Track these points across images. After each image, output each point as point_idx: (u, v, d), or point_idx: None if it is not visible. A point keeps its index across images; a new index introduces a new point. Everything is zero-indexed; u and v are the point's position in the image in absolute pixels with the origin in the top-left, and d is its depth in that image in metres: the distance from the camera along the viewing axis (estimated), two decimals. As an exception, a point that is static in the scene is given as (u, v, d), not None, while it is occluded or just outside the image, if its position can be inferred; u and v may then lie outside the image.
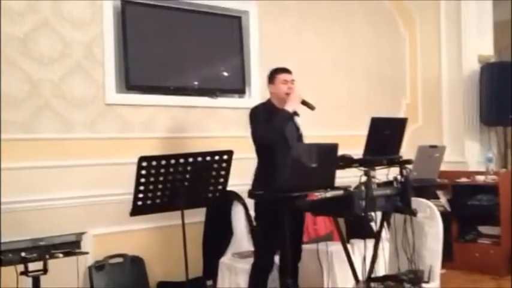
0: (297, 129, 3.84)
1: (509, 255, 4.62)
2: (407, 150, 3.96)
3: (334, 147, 3.30)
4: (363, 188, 3.24)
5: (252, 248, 4.20)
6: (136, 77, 4.32)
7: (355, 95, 5.86)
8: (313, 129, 5.31)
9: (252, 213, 4.07)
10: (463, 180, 5.61)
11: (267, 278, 3.74)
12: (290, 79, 3.80)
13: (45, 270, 2.90)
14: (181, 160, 3.06)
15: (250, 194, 3.55)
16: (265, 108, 3.74)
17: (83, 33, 4.09)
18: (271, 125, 3.56)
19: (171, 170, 3.04)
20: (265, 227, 3.68)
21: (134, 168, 3.00)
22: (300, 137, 3.86)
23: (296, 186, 3.16)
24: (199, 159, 3.12)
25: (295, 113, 3.81)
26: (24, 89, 3.83)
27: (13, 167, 3.70)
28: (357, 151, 3.44)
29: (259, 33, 5.10)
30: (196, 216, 4.20)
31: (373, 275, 3.44)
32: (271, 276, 3.96)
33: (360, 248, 3.94)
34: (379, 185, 3.41)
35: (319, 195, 3.34)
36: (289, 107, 3.65)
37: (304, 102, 3.75)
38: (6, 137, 3.72)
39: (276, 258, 3.90)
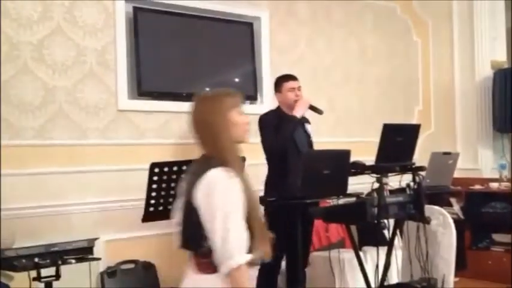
0: (308, 136, 3.84)
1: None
2: (420, 157, 3.94)
3: (346, 153, 3.29)
4: (375, 195, 3.23)
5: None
6: (148, 83, 4.34)
7: (368, 102, 5.84)
8: (325, 136, 5.33)
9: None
10: (477, 187, 5.56)
11: (275, 280, 3.73)
12: (297, 86, 3.80)
13: (57, 276, 2.92)
14: (193, 166, 3.06)
15: (262, 201, 3.55)
16: (275, 115, 3.75)
17: (95, 39, 4.12)
18: (281, 133, 3.56)
19: (183, 176, 3.04)
20: (275, 232, 3.67)
21: (146, 174, 3.01)
22: (310, 144, 3.85)
23: (309, 193, 3.16)
24: (211, 165, 3.11)
25: (306, 120, 3.80)
26: (39, 95, 3.86)
27: (26, 173, 3.73)
28: (369, 158, 3.43)
29: (271, 39, 5.11)
30: (208, 223, 4.19)
31: (385, 283, 3.42)
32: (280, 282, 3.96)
33: (373, 256, 3.92)
34: (392, 192, 3.40)
35: (331, 202, 3.34)
36: (297, 113, 3.66)
37: (312, 107, 3.75)
38: (21, 142, 3.75)
39: (283, 264, 3.89)
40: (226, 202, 1.88)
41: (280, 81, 3.85)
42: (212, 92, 2.21)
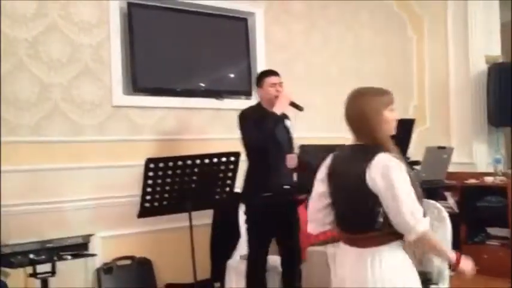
0: (288, 131, 3.84)
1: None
2: (415, 152, 3.96)
3: (341, 148, 3.29)
4: (370, 189, 3.23)
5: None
6: (143, 79, 4.34)
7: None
8: (321, 131, 5.34)
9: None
10: (472, 181, 5.58)
11: (264, 277, 3.75)
12: (278, 81, 3.79)
13: (53, 272, 2.92)
14: (189, 162, 3.07)
15: (242, 196, 3.56)
16: (256, 111, 3.74)
17: (90, 36, 4.12)
18: (262, 129, 3.56)
19: (178, 171, 3.04)
20: (255, 228, 3.70)
21: (142, 170, 3.01)
22: (290, 139, 3.86)
23: (304, 187, 3.16)
24: (207, 161, 3.13)
25: (285, 116, 3.80)
26: (34, 92, 3.86)
27: (22, 170, 3.72)
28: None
29: (266, 35, 5.11)
30: (204, 218, 4.20)
31: (381, 277, 3.42)
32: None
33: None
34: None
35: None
36: (278, 110, 3.65)
37: (292, 104, 3.74)
38: (16, 139, 3.75)
39: (278, 261, 3.91)
40: (403, 181, 2.12)
41: (262, 77, 3.84)
42: (369, 89, 2.44)
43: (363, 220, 2.20)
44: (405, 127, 3.67)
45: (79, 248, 3.05)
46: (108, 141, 4.18)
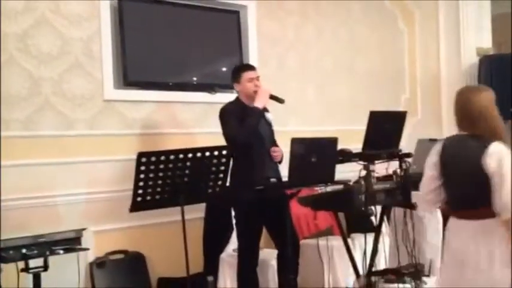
0: (269, 125, 3.84)
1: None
2: (407, 144, 3.96)
3: (333, 141, 3.30)
4: (362, 182, 3.25)
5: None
6: (134, 72, 4.31)
7: (355, 91, 5.86)
8: (314, 125, 5.35)
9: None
10: (463, 173, 5.60)
11: (255, 271, 3.76)
12: (255, 76, 3.77)
13: (45, 267, 2.90)
14: (181, 156, 3.05)
15: (229, 193, 3.57)
16: (236, 107, 3.73)
17: (80, 30, 4.08)
18: (245, 125, 3.56)
19: (171, 165, 3.03)
20: (245, 222, 3.71)
21: (134, 164, 3.00)
22: (272, 133, 3.86)
23: (296, 181, 3.17)
24: (199, 154, 3.11)
25: (265, 109, 3.80)
26: (25, 87, 3.83)
27: (13, 164, 3.70)
28: (358, 146, 3.45)
29: (258, 28, 5.10)
30: (197, 212, 4.21)
31: (373, 269, 3.45)
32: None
33: (361, 242, 3.95)
34: (379, 179, 3.41)
35: (319, 189, 3.35)
36: (259, 104, 3.64)
37: (272, 97, 3.74)
38: (7, 134, 3.72)
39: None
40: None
41: (239, 72, 3.81)
42: (483, 87, 2.88)
43: (476, 197, 2.61)
44: (397, 119, 3.67)
45: (71, 243, 3.03)
46: (100, 135, 4.16)
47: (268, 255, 4.01)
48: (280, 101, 3.76)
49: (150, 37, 4.42)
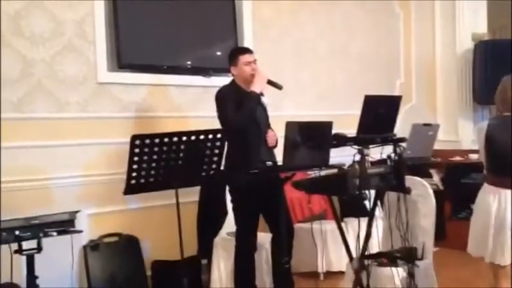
0: (264, 109, 3.83)
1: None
2: (402, 130, 3.96)
3: (328, 125, 3.29)
4: (356, 166, 3.24)
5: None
6: (128, 55, 4.28)
7: (350, 75, 5.85)
8: (309, 109, 5.34)
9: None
10: (457, 158, 5.63)
11: (252, 256, 3.77)
12: (252, 59, 3.75)
13: (39, 249, 2.90)
14: (175, 139, 3.04)
15: (224, 177, 3.56)
16: (232, 91, 3.70)
17: (74, 11, 4.05)
18: (243, 110, 3.55)
19: (165, 148, 3.02)
20: (241, 206, 3.72)
21: (128, 147, 2.99)
22: (267, 117, 3.85)
23: (291, 165, 3.16)
24: (193, 137, 3.10)
25: (261, 94, 3.78)
26: (17, 68, 3.80)
27: (6, 147, 3.68)
28: (353, 131, 3.44)
29: (253, 11, 5.07)
30: (191, 196, 4.20)
31: (367, 253, 3.45)
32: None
33: (354, 227, 3.96)
34: (373, 163, 3.41)
35: (313, 173, 3.35)
36: (257, 88, 3.62)
37: (270, 82, 3.72)
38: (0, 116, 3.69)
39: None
40: None
41: (236, 54, 3.78)
42: None
43: None
44: (392, 104, 3.65)
45: (65, 225, 3.02)
46: (93, 118, 4.14)
47: (263, 238, 4.02)
48: (278, 87, 3.74)
49: (144, 19, 4.39)
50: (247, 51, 3.82)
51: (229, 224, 4.38)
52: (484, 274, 4.00)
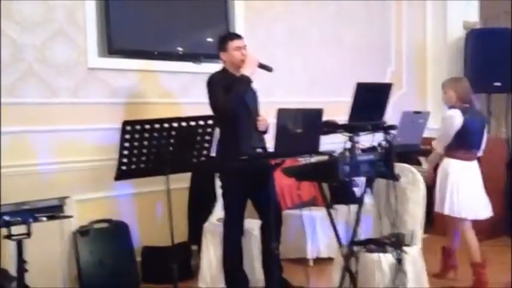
0: (254, 94, 3.84)
1: (489, 221, 4.71)
2: (392, 117, 3.97)
3: (318, 112, 3.29)
4: (347, 153, 3.26)
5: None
6: (118, 40, 4.25)
7: (342, 63, 5.85)
8: (300, 96, 5.34)
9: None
10: (446, 146, 5.63)
11: (240, 241, 3.79)
12: (242, 45, 3.75)
13: (28, 234, 2.90)
14: (166, 125, 3.03)
15: (215, 163, 3.56)
16: (223, 77, 3.70)
17: (64, -4, 4.01)
18: (233, 95, 3.54)
19: (156, 134, 3.01)
20: (230, 192, 3.73)
21: (118, 133, 2.98)
22: (257, 102, 3.86)
23: (282, 151, 3.17)
24: (184, 124, 3.09)
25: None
26: (7, 53, 3.77)
27: (-4, 132, 3.66)
28: (344, 118, 3.45)
29: (245, -3, 5.05)
30: (182, 182, 4.21)
31: (356, 239, 3.48)
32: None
33: (343, 214, 3.98)
34: (363, 150, 3.43)
35: (303, 160, 3.36)
36: (247, 72, 3.62)
37: (261, 65, 3.72)
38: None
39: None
40: None
41: (226, 40, 3.77)
42: None
43: None
44: (382, 91, 3.66)
45: (55, 210, 3.02)
46: (84, 103, 4.13)
47: (252, 225, 4.04)
48: (268, 69, 3.74)
49: (135, 4, 4.36)
50: (236, 36, 3.81)
51: (219, 210, 4.39)
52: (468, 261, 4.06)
